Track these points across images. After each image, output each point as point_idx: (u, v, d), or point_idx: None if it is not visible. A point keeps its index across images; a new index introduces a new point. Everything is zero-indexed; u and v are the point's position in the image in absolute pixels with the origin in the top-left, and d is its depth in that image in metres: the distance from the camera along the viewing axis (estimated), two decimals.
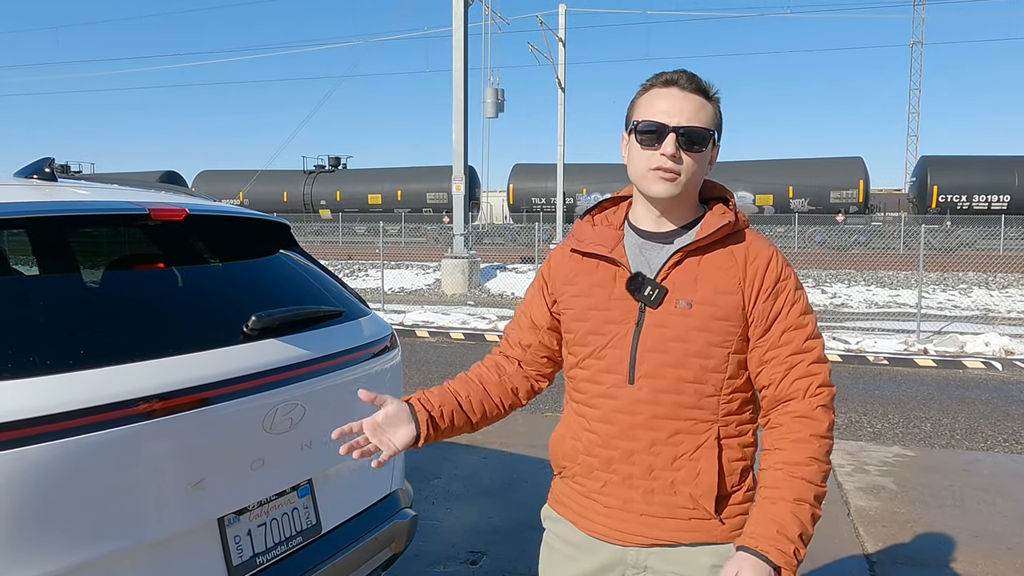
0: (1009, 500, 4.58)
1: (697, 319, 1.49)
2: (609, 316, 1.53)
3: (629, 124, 1.54)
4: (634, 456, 1.52)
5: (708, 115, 1.50)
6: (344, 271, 21.87)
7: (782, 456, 1.47)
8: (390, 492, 2.57)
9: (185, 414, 1.73)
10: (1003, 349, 9.85)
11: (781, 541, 1.38)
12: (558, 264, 1.67)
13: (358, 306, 2.62)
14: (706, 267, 1.52)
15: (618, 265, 1.55)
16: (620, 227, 1.61)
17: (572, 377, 1.63)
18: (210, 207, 2.39)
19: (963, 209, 28.63)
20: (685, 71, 1.51)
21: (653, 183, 1.49)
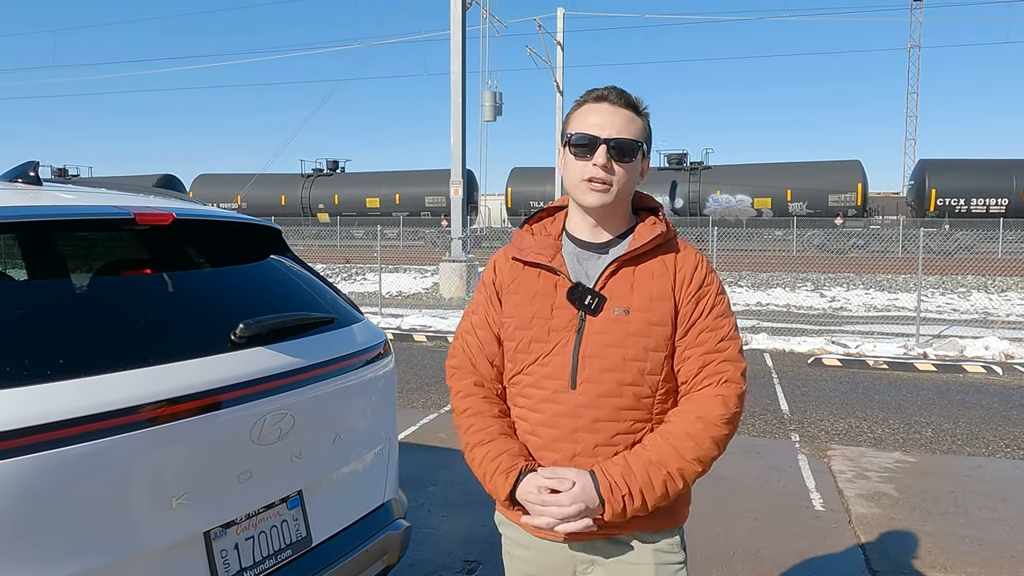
0: (1012, 507, 4.53)
1: (634, 325, 1.57)
2: (552, 324, 1.60)
3: (564, 137, 1.62)
4: (576, 458, 1.57)
5: (637, 128, 1.60)
6: (342, 275, 21.82)
7: (665, 427, 1.58)
8: (383, 503, 2.52)
9: (168, 425, 1.67)
10: (1003, 353, 9.81)
11: (618, 483, 1.50)
12: (503, 272, 1.71)
13: (351, 312, 2.57)
14: (641, 275, 1.60)
15: (558, 274, 1.62)
16: (558, 237, 1.68)
17: (515, 383, 1.67)
18: (199, 211, 2.34)
19: (961, 213, 28.61)
20: (615, 87, 1.61)
21: (586, 193, 1.58)
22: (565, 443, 1.58)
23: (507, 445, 1.61)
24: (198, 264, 2.35)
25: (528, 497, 1.54)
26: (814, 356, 9.72)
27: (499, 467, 1.58)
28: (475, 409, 1.68)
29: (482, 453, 1.62)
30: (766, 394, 7.68)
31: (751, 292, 17.63)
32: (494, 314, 1.70)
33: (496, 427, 1.65)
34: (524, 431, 1.65)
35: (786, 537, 4.06)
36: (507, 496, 1.57)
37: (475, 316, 1.74)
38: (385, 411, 2.57)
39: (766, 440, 6.03)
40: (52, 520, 1.50)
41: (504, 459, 1.58)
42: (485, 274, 1.76)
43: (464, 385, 1.72)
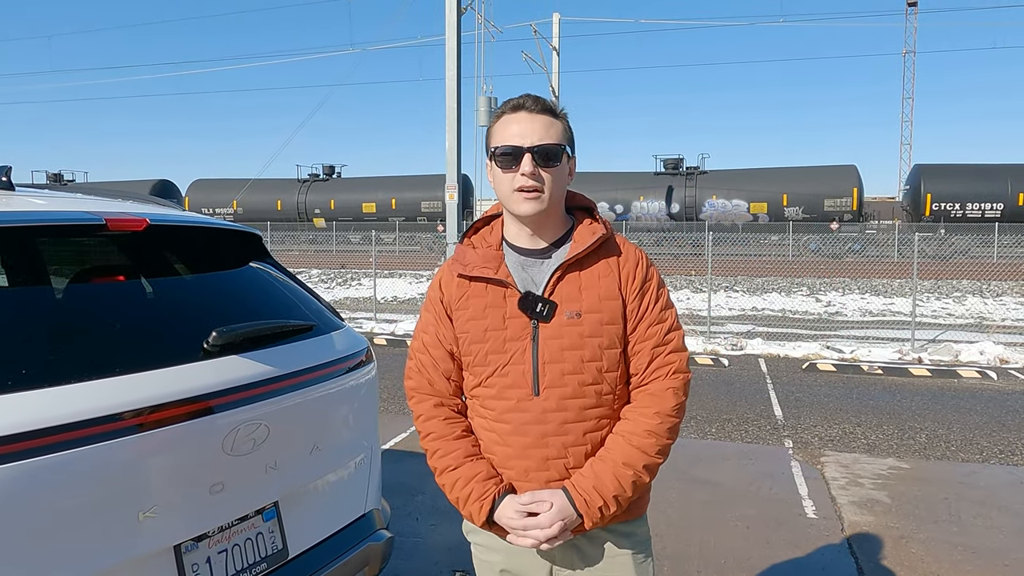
0: (1006, 514, 4.49)
1: (587, 326, 1.61)
2: (506, 335, 1.62)
3: (488, 151, 1.64)
4: (549, 461, 1.62)
5: (558, 132, 1.62)
6: (337, 280, 21.76)
7: (626, 426, 1.63)
8: (364, 513, 2.47)
9: (134, 437, 1.63)
10: (998, 358, 9.79)
11: (592, 495, 1.56)
12: (449, 288, 1.71)
13: (331, 319, 2.53)
14: (587, 278, 1.64)
15: (506, 286, 1.63)
16: (499, 247, 1.69)
17: (476, 396, 1.68)
18: (175, 217, 2.30)
19: (957, 217, 28.65)
20: (531, 95, 1.62)
21: (520, 203, 1.60)
22: (536, 448, 1.61)
23: (475, 470, 1.64)
24: (174, 271, 2.30)
25: (508, 522, 1.59)
26: (809, 361, 9.69)
27: (471, 495, 1.62)
28: (437, 433, 1.69)
29: (452, 479, 1.65)
30: (760, 400, 7.64)
31: (747, 297, 17.61)
32: (444, 331, 1.70)
33: (461, 450, 1.66)
34: (492, 441, 1.66)
35: (778, 545, 4.01)
36: (484, 521, 1.62)
37: (426, 335, 1.74)
38: (366, 420, 2.53)
39: (759, 446, 5.99)
40: (15, 535, 1.46)
41: (475, 487, 1.62)
42: (431, 292, 1.76)
43: (425, 408, 1.73)
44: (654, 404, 1.62)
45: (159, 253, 2.33)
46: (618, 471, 1.58)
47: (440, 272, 1.76)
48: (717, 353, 10.34)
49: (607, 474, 1.58)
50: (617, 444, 1.61)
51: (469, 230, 1.77)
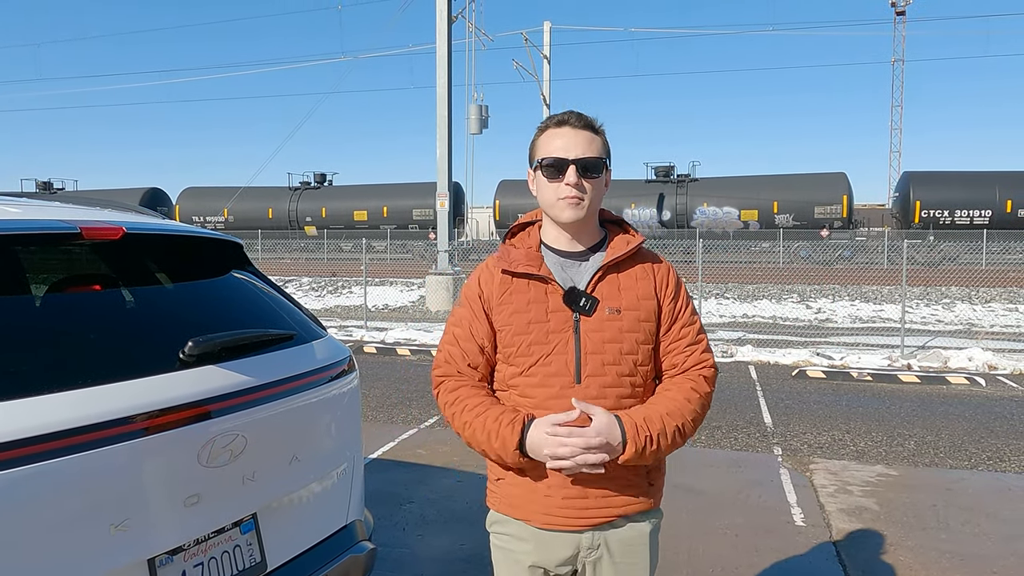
0: (994, 521, 4.49)
1: (626, 322, 1.75)
2: (549, 327, 1.74)
3: (533, 162, 1.80)
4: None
5: (598, 146, 1.77)
6: (328, 288, 21.69)
7: (668, 393, 1.78)
8: (346, 524, 2.44)
9: (105, 449, 1.60)
10: (986, 364, 9.82)
11: (640, 425, 1.68)
12: (490, 285, 1.82)
13: (313, 328, 2.51)
14: (625, 280, 1.79)
15: (548, 282, 1.77)
16: (538, 249, 1.83)
17: (515, 385, 1.78)
18: (153, 225, 2.27)
19: (946, 224, 28.78)
20: (573, 112, 1.77)
21: (563, 210, 1.75)
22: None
23: (503, 408, 1.74)
24: (153, 280, 2.27)
25: (544, 432, 1.65)
26: (799, 368, 9.70)
27: (502, 423, 1.69)
28: (466, 394, 1.78)
29: (482, 421, 1.72)
30: (750, 407, 7.64)
31: (737, 304, 17.64)
32: (479, 327, 1.81)
33: (489, 400, 1.77)
34: None
35: (766, 553, 4.00)
36: (516, 446, 1.67)
37: (458, 329, 1.84)
38: (348, 429, 2.50)
39: (748, 454, 5.98)
40: None
41: (505, 415, 1.70)
42: (468, 289, 1.86)
43: (451, 385, 1.82)
44: (690, 382, 1.79)
45: (137, 262, 2.30)
46: (664, 417, 1.71)
47: (478, 272, 1.87)
48: None
49: (655, 415, 1.71)
50: (661, 400, 1.76)
51: (507, 234, 1.90)
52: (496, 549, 1.88)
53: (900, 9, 46.82)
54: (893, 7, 47.15)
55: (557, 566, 1.79)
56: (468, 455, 5.77)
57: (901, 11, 46.82)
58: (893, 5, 47.14)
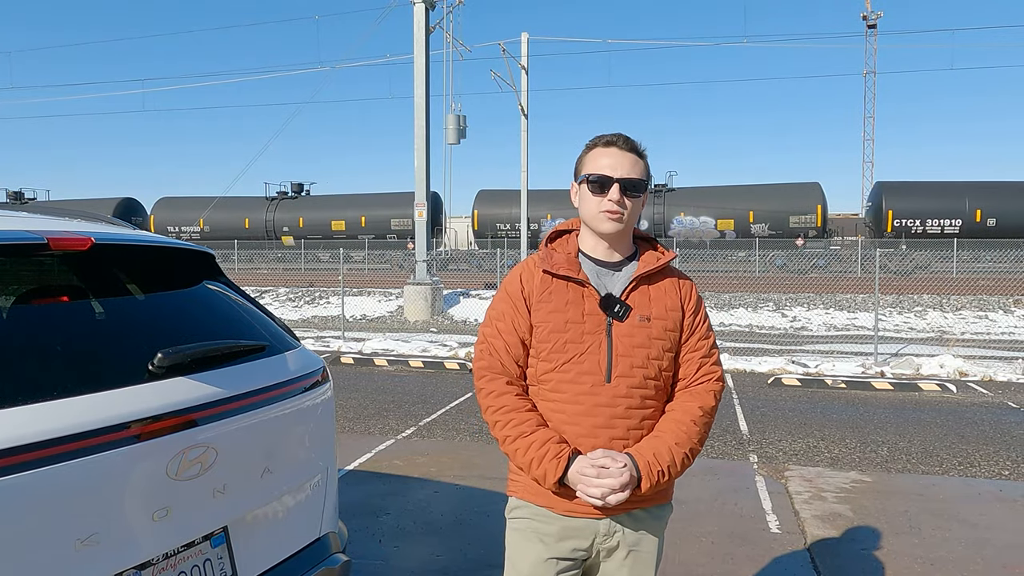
0: (964, 526, 4.55)
1: (655, 330, 1.90)
2: (584, 328, 1.88)
3: (579, 176, 1.96)
4: (614, 441, 1.86)
5: (641, 169, 1.92)
6: (305, 298, 21.54)
7: (674, 415, 1.92)
8: (320, 536, 2.42)
9: (72, 463, 1.58)
10: (957, 371, 9.98)
11: (652, 460, 1.83)
12: (531, 283, 1.94)
13: (286, 339, 2.49)
14: (655, 291, 1.94)
15: (585, 286, 1.91)
16: (576, 255, 1.96)
17: (546, 381, 1.90)
18: (123, 236, 2.25)
19: (917, 233, 29.26)
20: (622, 135, 1.92)
21: (604, 223, 1.90)
22: (604, 429, 1.85)
23: (549, 434, 1.85)
24: (122, 291, 2.24)
25: (585, 471, 1.80)
26: (774, 376, 9.79)
27: (547, 454, 1.82)
28: (512, 405, 1.89)
29: (527, 443, 1.84)
30: (727, 415, 7.69)
31: (714, 312, 17.77)
32: (521, 320, 1.92)
33: (534, 420, 1.88)
34: (561, 422, 1.88)
35: (741, 561, 4.02)
36: (557, 480, 1.81)
37: (500, 323, 1.95)
38: (322, 441, 2.48)
39: (725, 461, 6.02)
40: None
41: (551, 447, 1.82)
42: (510, 285, 1.97)
43: (497, 385, 1.92)
44: (698, 400, 1.92)
45: (107, 273, 2.27)
46: (672, 447, 1.85)
47: (519, 269, 1.99)
48: None
49: (663, 447, 1.85)
50: (669, 428, 1.89)
51: (546, 238, 2.04)
52: (515, 533, 1.97)
53: (871, 22, 47.69)
54: (864, 20, 48.02)
55: (573, 550, 1.91)
56: (445, 466, 5.75)
57: (872, 24, 47.70)
58: (864, 18, 48.02)
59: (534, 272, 1.95)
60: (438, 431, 6.96)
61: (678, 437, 1.87)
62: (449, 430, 6.95)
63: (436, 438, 6.72)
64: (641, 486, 1.82)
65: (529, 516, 1.94)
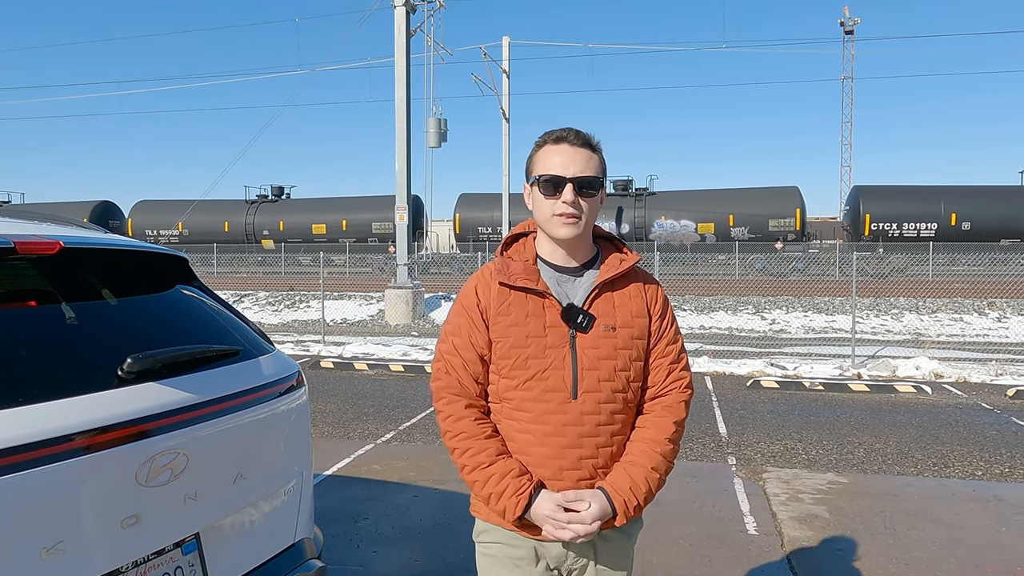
0: (938, 526, 4.61)
1: (621, 339, 1.79)
2: (546, 342, 1.76)
3: (530, 177, 1.82)
4: (582, 460, 1.77)
5: (595, 165, 1.80)
6: (285, 302, 21.39)
7: (647, 434, 1.82)
8: (294, 542, 2.40)
9: (36, 470, 1.55)
10: (933, 373, 10.11)
11: (629, 496, 1.76)
12: (488, 295, 1.82)
13: (260, 344, 2.47)
14: (619, 297, 1.83)
15: (545, 297, 1.79)
16: (534, 262, 1.84)
17: (510, 399, 1.79)
18: (93, 239, 2.22)
19: (894, 236, 29.63)
20: (572, 129, 1.79)
21: (559, 227, 1.77)
22: (572, 448, 1.76)
23: (509, 466, 1.75)
24: (93, 296, 2.21)
25: (547, 514, 1.72)
26: (753, 378, 9.86)
27: (506, 490, 1.73)
28: (469, 432, 1.78)
29: (485, 476, 1.75)
30: (705, 418, 7.73)
31: (694, 316, 17.88)
32: (478, 335, 1.81)
33: (492, 448, 1.77)
34: (527, 443, 1.78)
35: (719, 562, 4.05)
36: (517, 517, 1.73)
37: (457, 338, 1.83)
38: (297, 446, 2.46)
39: (703, 464, 6.05)
40: None
41: (511, 483, 1.73)
42: (465, 299, 1.85)
43: (455, 409, 1.81)
44: (671, 415, 1.84)
45: (77, 277, 2.24)
46: (648, 474, 1.78)
47: (474, 280, 1.86)
48: None
49: (640, 477, 1.77)
50: (643, 451, 1.80)
51: (502, 244, 1.91)
52: (486, 559, 1.89)
53: (848, 28, 48.25)
54: (842, 26, 48.58)
55: (546, 570, 1.84)
56: (425, 471, 5.73)
57: (850, 30, 48.25)
58: (842, 24, 48.58)
59: (490, 283, 1.83)
60: (418, 435, 6.94)
61: (654, 460, 1.79)
62: (429, 434, 6.92)
63: (416, 442, 6.70)
64: (616, 521, 1.76)
65: (499, 541, 1.85)
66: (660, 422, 1.83)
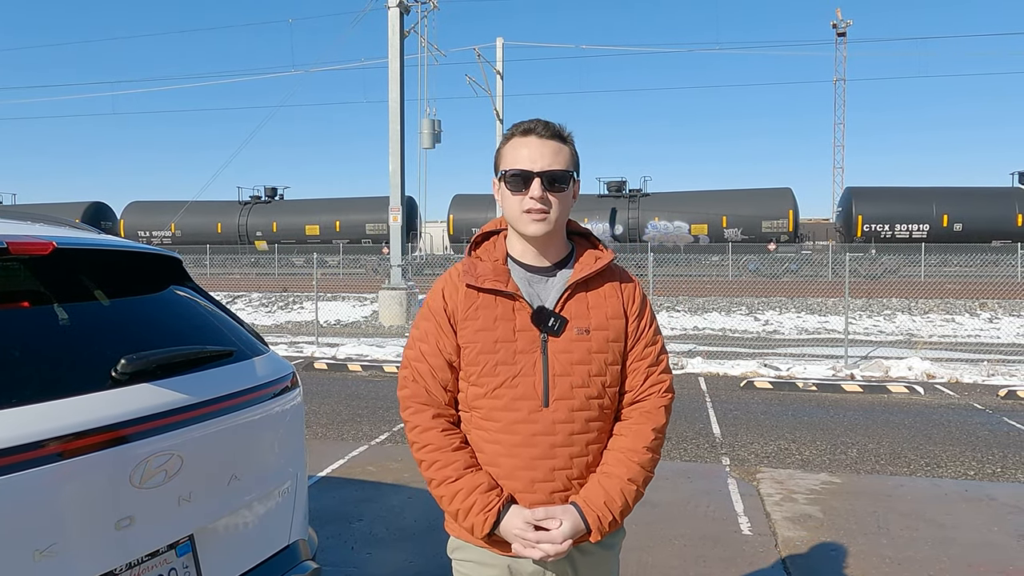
0: (931, 526, 4.63)
1: (595, 343, 1.70)
2: (516, 347, 1.67)
3: (498, 172, 1.73)
4: (555, 472, 1.68)
5: (565, 157, 1.70)
6: (278, 303, 21.34)
7: (625, 442, 1.73)
8: (289, 544, 2.40)
9: (29, 472, 1.54)
10: (925, 373, 10.15)
11: (603, 511, 1.66)
12: (455, 298, 1.73)
13: (254, 344, 2.47)
14: (594, 298, 1.73)
15: (515, 299, 1.69)
16: (504, 261, 1.75)
17: (479, 407, 1.70)
18: (87, 240, 2.22)
19: (886, 238, 29.76)
20: (540, 120, 1.69)
21: (528, 224, 1.68)
22: (544, 460, 1.67)
23: (477, 481, 1.66)
24: (86, 297, 2.20)
25: (516, 532, 1.63)
26: (747, 379, 9.88)
27: (474, 506, 1.64)
28: (436, 444, 1.70)
29: (452, 491, 1.67)
30: (699, 419, 7.75)
31: (688, 316, 17.92)
32: (446, 341, 1.72)
33: (460, 461, 1.68)
34: (496, 453, 1.69)
35: (713, 563, 4.05)
36: (485, 534, 1.65)
37: (424, 344, 1.74)
38: (291, 447, 2.46)
39: (697, 464, 6.06)
40: None
41: (478, 499, 1.64)
42: (432, 303, 1.76)
43: (422, 419, 1.72)
44: (649, 421, 1.74)
45: (70, 278, 2.23)
46: (624, 486, 1.68)
47: (441, 283, 1.77)
48: None
49: (615, 490, 1.68)
50: (620, 461, 1.70)
51: (471, 243, 1.82)
52: (458, 572, 1.81)
53: (841, 30, 48.45)
54: (834, 28, 48.77)
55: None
56: (418, 472, 5.72)
57: (842, 32, 48.45)
58: (834, 26, 48.76)
59: (458, 285, 1.73)
60: None
61: (631, 471, 1.69)
62: None
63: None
64: (591, 537, 1.67)
65: (473, 560, 1.75)
66: (638, 429, 1.73)
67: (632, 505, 1.71)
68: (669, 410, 1.78)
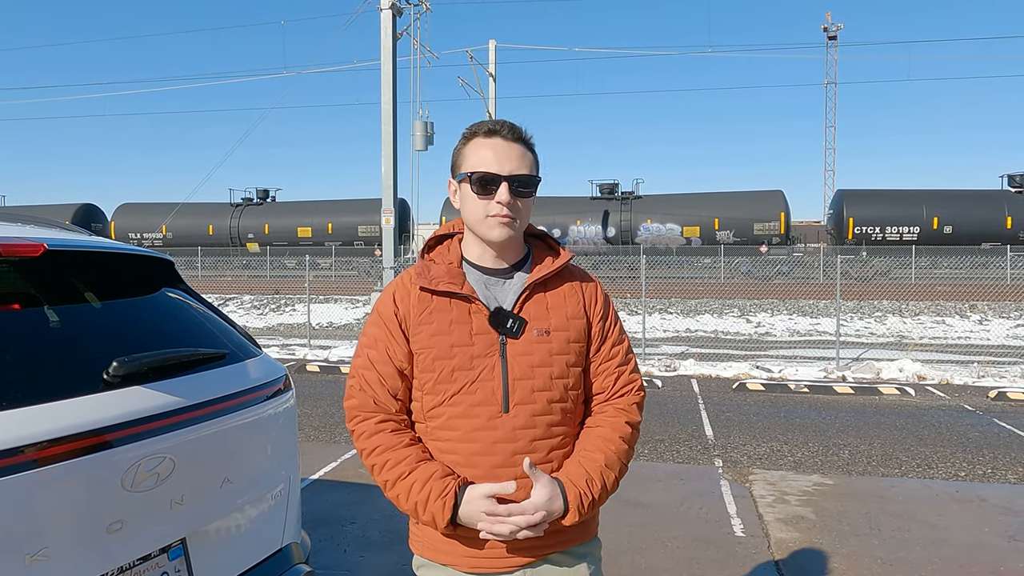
0: (922, 526, 4.65)
1: (556, 344, 1.64)
2: (473, 351, 1.60)
3: (458, 174, 1.65)
4: (518, 480, 1.57)
5: (530, 162, 1.65)
6: (270, 306, 21.27)
7: (601, 432, 1.68)
8: (281, 547, 2.39)
9: (17, 476, 1.53)
10: (916, 375, 10.20)
11: (584, 487, 1.58)
12: (407, 303, 1.66)
13: (247, 347, 2.46)
14: (553, 298, 1.68)
15: (471, 301, 1.63)
16: (459, 264, 1.69)
17: (436, 417, 1.62)
18: (78, 242, 2.20)
19: (877, 240, 29.90)
20: (506, 121, 1.64)
21: (493, 229, 1.62)
22: (505, 468, 1.58)
23: (430, 470, 1.56)
24: (78, 299, 2.19)
25: (482, 509, 1.52)
26: (739, 381, 9.91)
27: (430, 494, 1.54)
28: (386, 444, 1.60)
29: (406, 486, 1.56)
30: (692, 420, 7.76)
31: (680, 319, 17.95)
32: (397, 348, 1.64)
33: (412, 456, 1.59)
34: (455, 464, 1.60)
35: (706, 564, 4.06)
36: (447, 522, 1.53)
37: (372, 351, 1.66)
38: (284, 450, 2.45)
39: (690, 466, 6.07)
40: None
41: (433, 485, 1.54)
42: (382, 308, 1.68)
43: (368, 426, 1.63)
44: (623, 416, 1.70)
45: (62, 280, 2.21)
46: (603, 471, 1.62)
47: (392, 287, 1.69)
48: (651, 375, 10.49)
49: (595, 471, 1.61)
50: (597, 447, 1.65)
51: (424, 247, 1.76)
52: None
53: (832, 34, 48.75)
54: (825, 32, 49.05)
55: None
56: None
57: (833, 36, 48.77)
58: (825, 30, 49.06)
59: (410, 289, 1.66)
60: None
61: (608, 458, 1.63)
62: None
63: None
64: (566, 519, 1.56)
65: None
66: (614, 421, 1.68)
67: (610, 490, 1.63)
68: (642, 408, 1.76)
